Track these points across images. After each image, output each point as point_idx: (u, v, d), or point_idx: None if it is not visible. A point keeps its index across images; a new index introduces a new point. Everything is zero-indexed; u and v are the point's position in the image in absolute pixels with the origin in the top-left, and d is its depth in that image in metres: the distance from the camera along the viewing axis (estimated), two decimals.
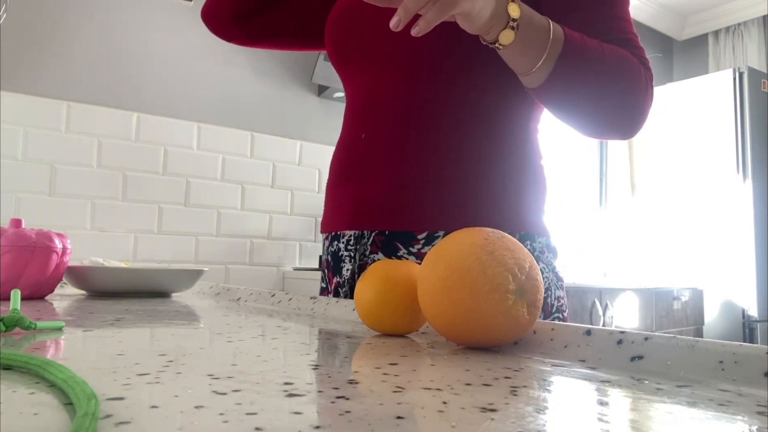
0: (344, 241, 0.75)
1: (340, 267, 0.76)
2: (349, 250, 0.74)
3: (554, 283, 0.73)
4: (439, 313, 0.38)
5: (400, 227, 0.70)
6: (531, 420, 0.21)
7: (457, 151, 0.70)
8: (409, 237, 0.70)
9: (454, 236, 0.40)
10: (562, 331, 0.39)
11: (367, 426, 0.20)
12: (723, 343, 0.32)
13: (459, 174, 0.70)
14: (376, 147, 0.73)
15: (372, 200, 0.72)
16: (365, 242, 0.72)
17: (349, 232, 0.74)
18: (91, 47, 1.99)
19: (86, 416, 0.18)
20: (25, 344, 0.36)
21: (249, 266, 2.28)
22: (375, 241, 0.72)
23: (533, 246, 0.71)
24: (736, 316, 2.86)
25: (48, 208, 1.87)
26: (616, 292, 2.33)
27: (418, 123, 0.71)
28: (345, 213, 0.75)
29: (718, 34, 3.76)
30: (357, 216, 0.73)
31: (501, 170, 0.71)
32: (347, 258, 0.75)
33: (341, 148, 0.79)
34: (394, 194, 0.71)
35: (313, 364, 0.32)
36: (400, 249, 0.70)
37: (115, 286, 0.80)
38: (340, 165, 0.78)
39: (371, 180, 0.72)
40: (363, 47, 0.76)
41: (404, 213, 0.70)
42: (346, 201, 0.75)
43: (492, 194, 0.70)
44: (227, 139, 2.26)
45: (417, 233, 0.70)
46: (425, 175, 0.70)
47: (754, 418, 0.23)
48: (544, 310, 0.71)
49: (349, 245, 0.74)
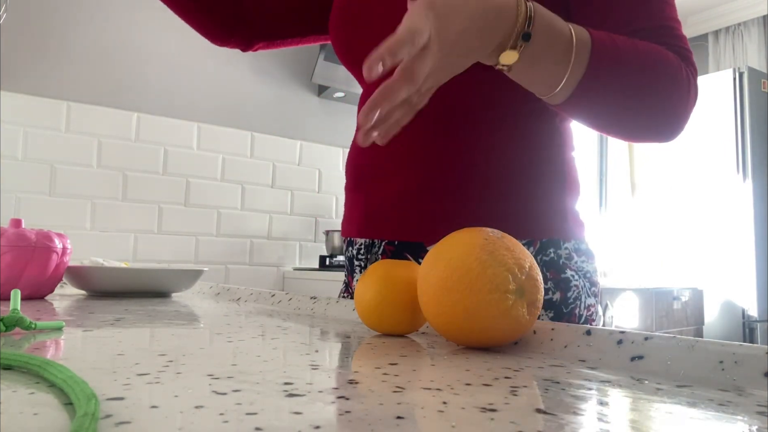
0: (356, 248, 0.74)
1: (353, 272, 0.75)
2: (360, 259, 0.73)
3: (585, 290, 0.67)
4: (439, 313, 0.38)
5: (409, 238, 0.68)
6: (531, 420, 0.21)
7: (470, 158, 0.65)
8: (418, 248, 0.67)
9: (454, 236, 0.40)
10: (562, 331, 0.39)
11: (367, 426, 0.20)
12: (723, 343, 0.32)
13: (471, 183, 0.65)
14: (387, 153, 0.69)
15: (382, 208, 0.69)
16: (376, 251, 0.71)
17: (361, 240, 0.73)
18: (91, 47, 1.99)
19: (86, 416, 0.18)
20: (25, 344, 0.36)
21: (249, 266, 2.28)
22: (385, 251, 0.70)
23: (558, 253, 0.65)
24: (736, 316, 2.86)
25: (48, 208, 1.87)
26: (616, 292, 2.33)
27: (428, 127, 0.66)
28: (357, 219, 0.73)
29: (718, 34, 3.76)
30: (368, 223, 0.71)
31: (520, 176, 0.65)
32: (358, 267, 0.73)
33: (354, 149, 0.76)
34: (403, 203, 0.68)
35: (313, 364, 0.32)
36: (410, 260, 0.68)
37: (115, 286, 0.80)
38: (354, 168, 0.75)
39: (382, 187, 0.70)
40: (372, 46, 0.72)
41: (413, 223, 0.67)
42: (358, 206, 0.73)
43: (507, 203, 0.65)
44: (227, 139, 2.26)
45: (426, 244, 0.67)
46: (435, 184, 0.66)
47: (754, 418, 0.23)
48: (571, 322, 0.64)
49: (360, 253, 0.73)
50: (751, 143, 2.88)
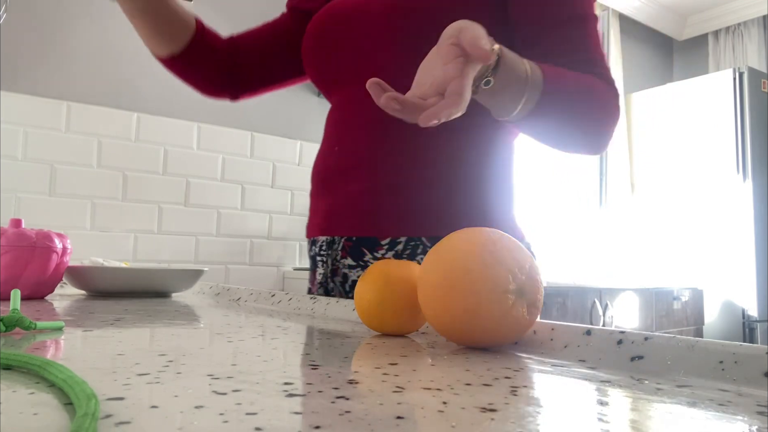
0: (318, 246, 0.80)
1: (315, 270, 0.82)
2: (322, 255, 0.79)
3: None
4: (439, 313, 0.38)
5: (364, 233, 0.74)
6: (531, 420, 0.21)
7: (420, 159, 0.73)
8: (373, 242, 0.73)
9: (454, 236, 0.40)
10: (562, 331, 0.39)
11: (367, 426, 0.20)
12: (723, 343, 0.32)
13: (419, 181, 0.72)
14: (346, 158, 0.77)
15: (341, 208, 0.76)
16: (336, 247, 0.77)
17: (323, 238, 0.79)
18: (91, 47, 1.99)
19: (86, 416, 0.18)
20: (25, 344, 0.36)
21: (249, 266, 2.28)
22: (344, 247, 0.76)
23: None
24: (736, 316, 2.86)
25: (48, 208, 1.87)
26: (616, 292, 2.33)
27: (383, 135, 0.74)
28: (319, 220, 0.80)
29: (718, 34, 3.76)
30: (329, 223, 0.78)
31: (465, 179, 0.73)
32: (320, 263, 0.80)
33: (319, 159, 0.84)
34: (359, 202, 0.75)
35: (313, 364, 0.32)
36: (366, 254, 0.74)
37: (115, 286, 0.80)
38: (318, 175, 0.83)
39: (341, 189, 0.77)
40: (335, 70, 0.81)
41: (368, 219, 0.74)
42: (321, 209, 0.80)
43: (451, 200, 0.72)
44: (227, 139, 2.26)
45: (380, 239, 0.73)
46: (386, 183, 0.73)
47: (754, 418, 0.23)
48: None
49: (322, 250, 0.79)
50: (751, 143, 2.88)
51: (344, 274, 0.76)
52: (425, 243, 0.72)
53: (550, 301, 2.07)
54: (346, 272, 0.76)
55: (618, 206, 3.32)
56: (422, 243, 0.72)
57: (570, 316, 2.14)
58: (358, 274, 0.75)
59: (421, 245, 0.72)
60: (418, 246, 0.72)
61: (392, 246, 0.72)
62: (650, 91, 3.34)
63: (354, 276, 0.75)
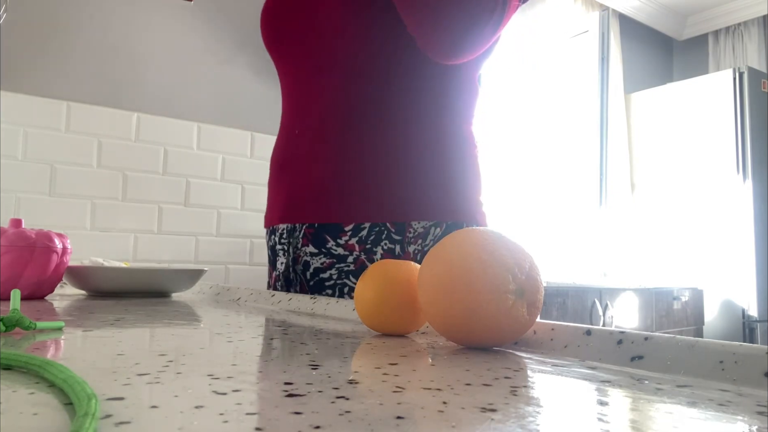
0: (278, 235, 0.78)
1: (275, 260, 0.79)
2: (283, 244, 0.77)
3: None
4: (439, 313, 0.38)
5: (327, 219, 0.72)
6: (531, 420, 0.21)
7: (383, 145, 0.71)
8: (337, 229, 0.72)
9: (454, 236, 0.40)
10: (562, 331, 0.39)
11: (367, 426, 0.20)
12: (723, 343, 0.32)
13: (382, 166, 0.71)
14: (307, 142, 0.75)
15: (302, 194, 0.74)
16: (297, 235, 0.75)
17: (283, 226, 0.77)
18: (91, 47, 1.99)
19: (86, 416, 0.18)
20: (25, 344, 0.36)
21: (249, 266, 2.28)
22: (306, 234, 0.74)
23: None
24: (736, 316, 2.86)
25: (48, 208, 1.87)
26: (616, 292, 2.33)
27: (345, 119, 0.72)
28: (279, 207, 0.78)
29: (718, 34, 3.76)
30: (289, 209, 0.76)
31: (428, 161, 0.72)
32: (281, 251, 0.77)
33: (278, 143, 0.81)
34: (321, 187, 0.73)
35: (313, 364, 0.32)
36: (329, 241, 0.72)
37: (115, 286, 0.80)
38: (276, 160, 0.80)
39: (302, 174, 0.74)
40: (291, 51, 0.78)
41: (331, 205, 0.72)
42: (281, 195, 0.78)
43: (415, 187, 0.71)
44: (227, 139, 2.26)
45: (345, 225, 0.71)
46: (349, 168, 0.71)
47: (754, 418, 0.23)
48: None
49: (283, 238, 0.77)
50: (751, 143, 2.88)
51: (305, 261, 0.73)
52: (389, 228, 0.70)
53: (550, 300, 2.07)
54: (307, 260, 0.73)
55: (618, 206, 3.32)
56: (386, 228, 0.70)
57: (570, 316, 2.14)
58: (321, 261, 0.72)
59: (385, 230, 0.70)
60: (383, 231, 0.70)
61: (356, 232, 0.70)
62: (650, 91, 3.34)
63: (316, 263, 0.72)
